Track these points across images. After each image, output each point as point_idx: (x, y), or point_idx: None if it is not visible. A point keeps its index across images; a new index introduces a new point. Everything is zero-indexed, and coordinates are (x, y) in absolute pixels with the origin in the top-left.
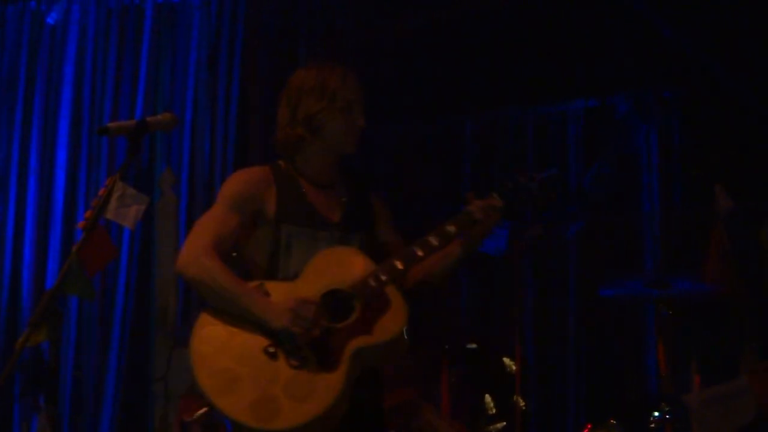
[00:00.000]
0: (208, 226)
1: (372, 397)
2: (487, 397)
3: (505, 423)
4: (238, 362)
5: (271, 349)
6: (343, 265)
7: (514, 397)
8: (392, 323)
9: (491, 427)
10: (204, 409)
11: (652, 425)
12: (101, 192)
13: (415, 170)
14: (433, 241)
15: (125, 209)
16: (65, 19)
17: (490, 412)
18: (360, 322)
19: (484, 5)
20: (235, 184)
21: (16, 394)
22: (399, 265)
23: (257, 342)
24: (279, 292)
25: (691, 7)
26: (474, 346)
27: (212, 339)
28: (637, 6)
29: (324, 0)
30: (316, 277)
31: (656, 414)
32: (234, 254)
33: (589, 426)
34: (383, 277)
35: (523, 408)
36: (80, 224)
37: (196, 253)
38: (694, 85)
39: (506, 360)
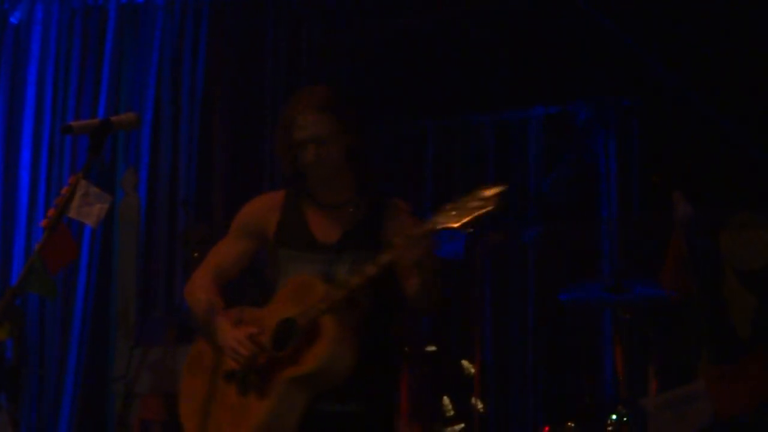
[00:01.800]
0: (210, 258)
1: (364, 412)
2: (446, 399)
3: (463, 425)
4: (204, 383)
5: (229, 374)
6: (302, 292)
7: (473, 400)
8: (319, 351)
9: (449, 429)
10: None
11: (609, 428)
12: (64, 191)
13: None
14: (370, 270)
15: (88, 208)
16: (28, 19)
17: (449, 414)
18: (298, 351)
19: (447, 13)
20: (243, 211)
21: None
22: (337, 293)
23: (222, 366)
24: (251, 318)
25: (651, 17)
26: (433, 348)
27: (197, 356)
28: (597, 15)
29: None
30: (281, 303)
31: (613, 417)
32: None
33: (547, 429)
34: (321, 305)
35: (482, 410)
36: (43, 223)
37: (192, 285)
38: (653, 94)
39: (465, 362)
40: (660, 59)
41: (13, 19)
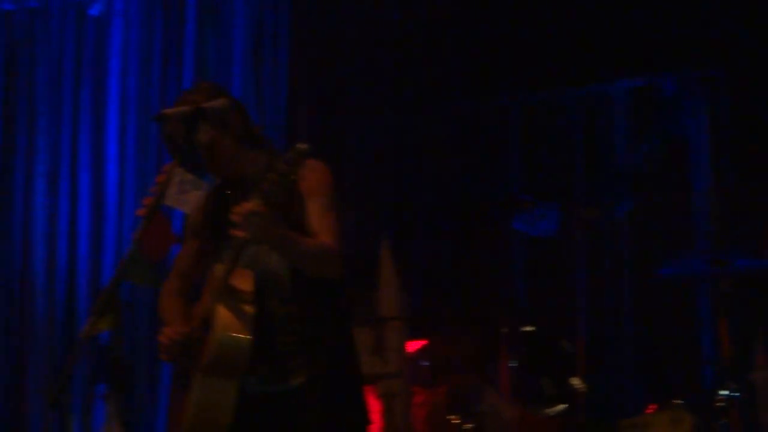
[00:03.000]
0: (174, 263)
1: (308, 386)
2: (546, 380)
3: (564, 405)
4: None
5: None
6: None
7: (574, 379)
8: (212, 338)
9: (551, 409)
10: None
11: (718, 404)
12: (159, 179)
13: (462, 153)
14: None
15: (184, 195)
16: (108, 11)
17: (550, 395)
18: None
19: None
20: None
21: (76, 384)
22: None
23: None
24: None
25: None
26: (531, 328)
27: None
28: None
29: None
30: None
31: (723, 393)
32: None
33: (653, 407)
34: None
35: (582, 390)
36: (139, 212)
37: (162, 291)
38: (742, 64)
39: (564, 342)
40: (747, 28)
41: (93, 12)
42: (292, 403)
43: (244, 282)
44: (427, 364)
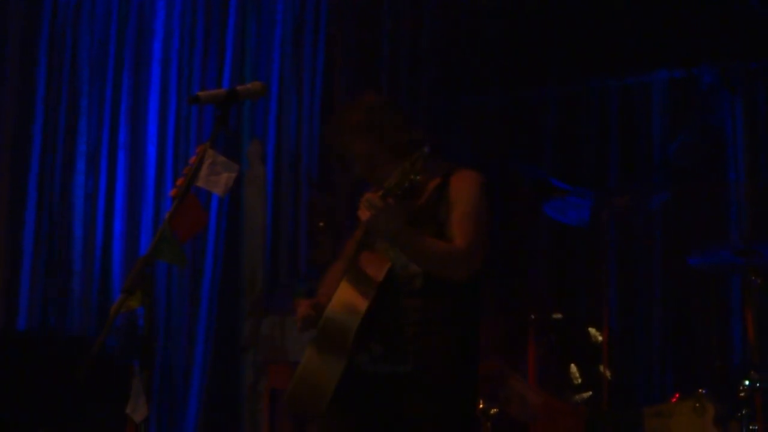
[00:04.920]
0: None
1: (415, 375)
2: (573, 367)
3: (591, 393)
4: None
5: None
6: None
7: (600, 367)
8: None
9: (577, 396)
10: None
11: (742, 394)
12: (192, 160)
13: (497, 141)
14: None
15: (216, 177)
16: None
17: (576, 382)
18: None
19: None
20: None
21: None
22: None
23: None
24: None
25: None
26: (559, 316)
27: None
28: None
29: None
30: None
31: (746, 383)
32: None
33: (678, 395)
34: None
35: (609, 378)
36: (172, 192)
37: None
38: None
39: (592, 330)
40: None
41: None
42: (401, 387)
43: (376, 270)
44: None
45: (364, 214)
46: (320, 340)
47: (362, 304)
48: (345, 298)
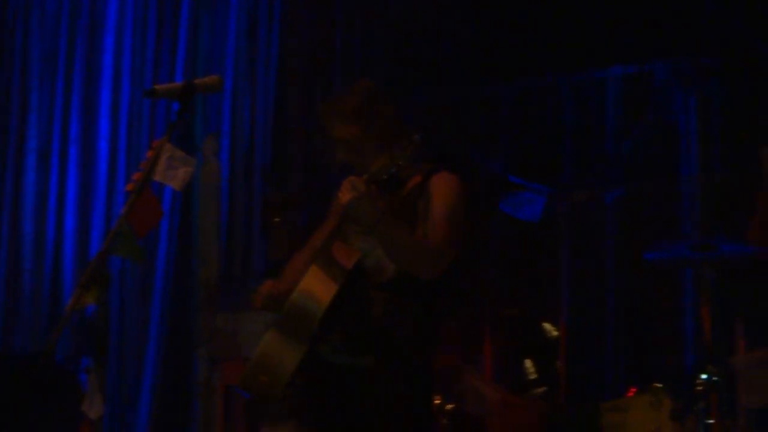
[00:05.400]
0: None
1: (376, 368)
2: (528, 362)
3: (546, 388)
4: None
5: None
6: None
7: (556, 362)
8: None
9: (533, 391)
10: None
11: (699, 388)
12: (149, 154)
13: (452, 138)
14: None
15: (173, 171)
16: None
17: (531, 377)
18: None
19: None
20: None
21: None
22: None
23: None
24: None
25: None
26: (515, 311)
27: None
28: None
29: None
30: None
31: (703, 376)
32: None
33: (634, 390)
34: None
35: (564, 373)
36: (128, 187)
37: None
38: (733, 52)
39: (546, 325)
40: (738, 15)
41: None
42: (361, 380)
43: (347, 258)
44: None
45: (345, 197)
46: (283, 324)
47: (330, 292)
48: (313, 284)
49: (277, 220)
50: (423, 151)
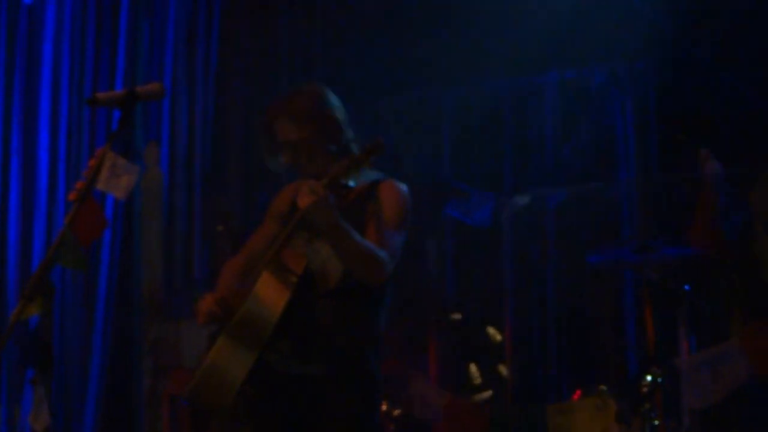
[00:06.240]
0: (246, 244)
1: (327, 376)
2: (473, 367)
3: (491, 392)
4: None
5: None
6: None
7: (500, 366)
8: (246, 301)
9: (478, 396)
10: None
11: (644, 389)
12: (91, 162)
13: (394, 143)
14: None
15: (116, 179)
16: None
17: (476, 382)
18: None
19: None
20: (275, 199)
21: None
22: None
23: None
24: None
25: None
26: (459, 316)
27: None
28: None
29: None
30: None
31: (648, 378)
32: None
33: (579, 392)
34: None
35: (509, 377)
36: (70, 196)
37: (224, 269)
38: (667, 54)
39: (491, 330)
40: (670, 19)
41: (27, 0)
42: (311, 389)
43: (296, 263)
44: None
45: (304, 201)
46: (235, 331)
47: (283, 298)
48: (266, 290)
49: (221, 228)
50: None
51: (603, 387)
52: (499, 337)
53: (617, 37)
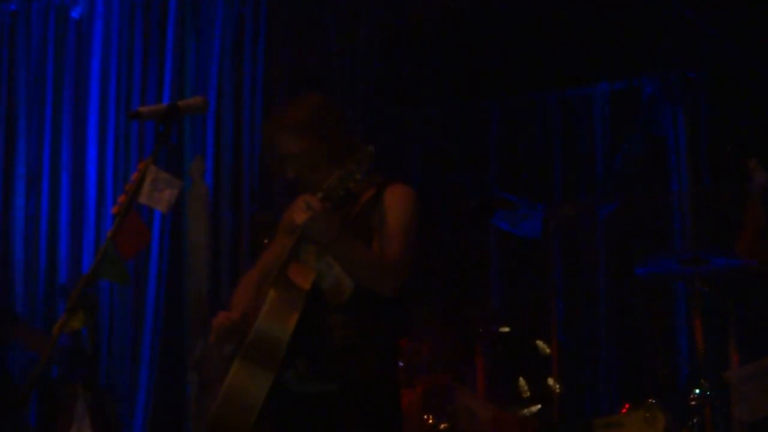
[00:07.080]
0: (260, 258)
1: (343, 394)
2: (521, 381)
3: (540, 406)
4: None
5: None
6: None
7: (549, 380)
8: (256, 322)
9: (526, 410)
10: None
11: (693, 403)
12: (134, 177)
13: (442, 155)
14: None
15: (158, 193)
16: (89, 13)
17: (525, 396)
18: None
19: None
20: (287, 212)
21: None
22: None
23: None
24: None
25: None
26: (507, 329)
27: None
28: None
29: None
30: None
31: (697, 391)
32: None
33: (628, 406)
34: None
35: (558, 390)
36: (114, 209)
37: (238, 285)
38: (719, 66)
39: (539, 343)
40: (722, 30)
41: (75, 14)
42: (329, 407)
43: (303, 279)
44: (402, 364)
45: (299, 217)
46: (249, 353)
47: (293, 315)
48: (275, 309)
49: (266, 241)
50: (375, 162)
51: (652, 400)
52: (547, 350)
53: (668, 47)
